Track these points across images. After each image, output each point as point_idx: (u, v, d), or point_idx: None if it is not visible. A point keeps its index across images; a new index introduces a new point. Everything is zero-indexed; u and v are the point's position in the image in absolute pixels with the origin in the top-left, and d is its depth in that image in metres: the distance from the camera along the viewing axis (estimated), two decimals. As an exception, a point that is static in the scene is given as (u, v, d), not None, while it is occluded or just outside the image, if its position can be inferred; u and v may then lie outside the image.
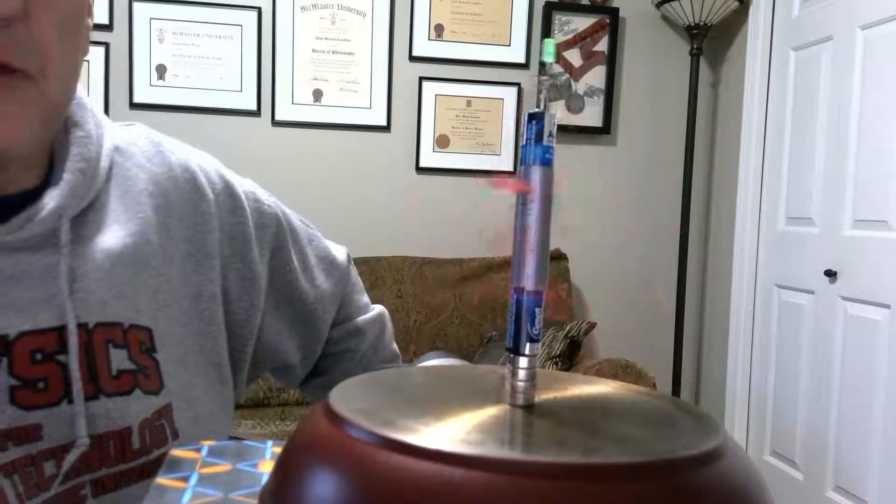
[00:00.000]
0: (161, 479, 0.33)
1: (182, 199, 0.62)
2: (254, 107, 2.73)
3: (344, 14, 2.76)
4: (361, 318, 0.79)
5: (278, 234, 0.69)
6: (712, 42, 2.95)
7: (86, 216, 0.54)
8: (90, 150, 0.55)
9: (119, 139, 0.61)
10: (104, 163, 0.57)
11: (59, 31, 0.47)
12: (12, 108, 0.46)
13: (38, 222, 0.50)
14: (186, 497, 0.31)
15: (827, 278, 2.38)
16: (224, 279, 0.64)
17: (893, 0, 2.13)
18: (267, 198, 0.70)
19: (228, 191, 0.66)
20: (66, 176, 0.53)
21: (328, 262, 0.76)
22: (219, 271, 0.63)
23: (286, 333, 0.71)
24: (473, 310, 2.70)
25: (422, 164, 2.85)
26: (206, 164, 0.66)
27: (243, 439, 0.42)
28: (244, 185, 0.68)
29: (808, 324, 2.49)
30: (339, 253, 0.78)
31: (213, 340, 0.62)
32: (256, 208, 0.68)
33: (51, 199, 0.51)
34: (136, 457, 0.54)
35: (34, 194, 0.52)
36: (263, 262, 0.67)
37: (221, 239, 0.64)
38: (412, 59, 2.82)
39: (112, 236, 0.55)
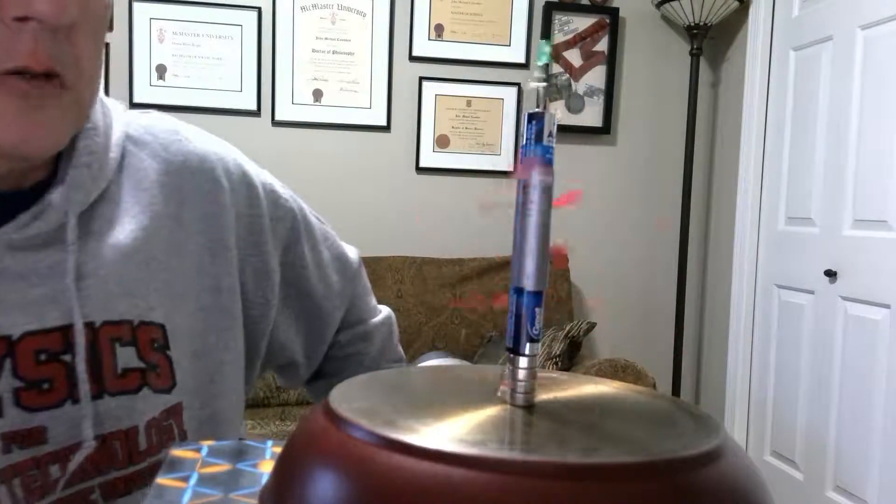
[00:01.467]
0: (161, 479, 0.33)
1: (197, 190, 0.60)
2: (254, 107, 2.73)
3: (344, 14, 2.76)
4: (372, 322, 0.79)
5: (293, 228, 0.68)
6: (712, 42, 2.95)
7: (96, 210, 0.53)
8: (96, 143, 0.54)
9: (133, 128, 0.59)
10: (114, 154, 0.56)
11: (92, 40, 0.48)
12: (53, 117, 0.46)
13: (44, 220, 0.50)
14: (186, 497, 0.31)
15: (827, 278, 2.38)
16: (241, 272, 0.63)
17: (893, 0, 2.13)
18: (284, 191, 0.69)
19: (246, 181, 0.64)
20: (71, 171, 0.52)
21: (341, 261, 0.75)
22: (236, 264, 0.62)
23: (293, 329, 0.70)
24: (473, 310, 2.70)
25: (422, 164, 2.85)
26: (225, 154, 0.64)
27: (243, 439, 0.42)
28: (262, 177, 0.67)
29: (808, 324, 2.49)
30: (352, 253, 0.78)
31: (235, 336, 0.61)
32: (273, 200, 0.67)
33: (56, 195, 0.50)
34: (143, 458, 0.53)
35: (43, 188, 0.51)
36: (276, 256, 0.66)
37: (238, 231, 0.63)
38: (412, 59, 2.82)
39: (122, 230, 0.54)
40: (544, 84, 0.29)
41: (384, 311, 0.82)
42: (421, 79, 2.82)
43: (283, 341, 0.70)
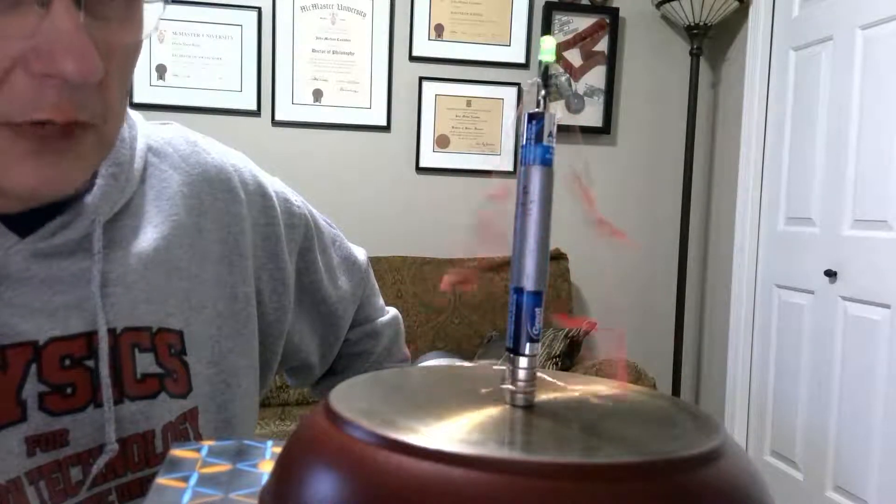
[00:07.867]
0: (161, 479, 0.33)
1: (215, 200, 0.61)
2: (254, 107, 2.73)
3: (344, 14, 2.76)
4: (379, 321, 0.80)
5: (306, 235, 0.70)
6: (712, 42, 2.95)
7: (120, 220, 0.54)
8: (122, 154, 0.55)
9: (154, 139, 0.60)
10: (138, 164, 0.56)
11: (122, 81, 0.47)
12: (71, 161, 0.46)
13: (72, 229, 0.50)
14: (186, 497, 0.31)
15: (827, 278, 2.38)
16: (257, 280, 0.64)
17: (893, 0, 2.13)
18: (296, 198, 0.71)
19: (261, 191, 0.66)
20: (99, 181, 0.53)
21: (350, 263, 0.77)
22: (251, 272, 0.63)
23: (308, 332, 0.72)
24: (473, 310, 2.70)
25: (422, 164, 2.85)
26: (240, 164, 0.66)
27: (243, 439, 0.42)
28: (275, 185, 0.69)
29: (808, 324, 2.49)
30: (360, 254, 0.79)
31: (250, 342, 0.63)
32: (287, 209, 0.68)
33: (85, 205, 0.51)
34: (159, 461, 0.54)
35: (69, 199, 0.52)
36: (291, 262, 0.68)
37: (254, 240, 0.64)
38: (412, 59, 2.82)
39: (145, 239, 0.55)
40: (549, 84, 0.29)
41: (391, 311, 0.84)
42: (421, 79, 2.82)
43: (299, 344, 0.71)
